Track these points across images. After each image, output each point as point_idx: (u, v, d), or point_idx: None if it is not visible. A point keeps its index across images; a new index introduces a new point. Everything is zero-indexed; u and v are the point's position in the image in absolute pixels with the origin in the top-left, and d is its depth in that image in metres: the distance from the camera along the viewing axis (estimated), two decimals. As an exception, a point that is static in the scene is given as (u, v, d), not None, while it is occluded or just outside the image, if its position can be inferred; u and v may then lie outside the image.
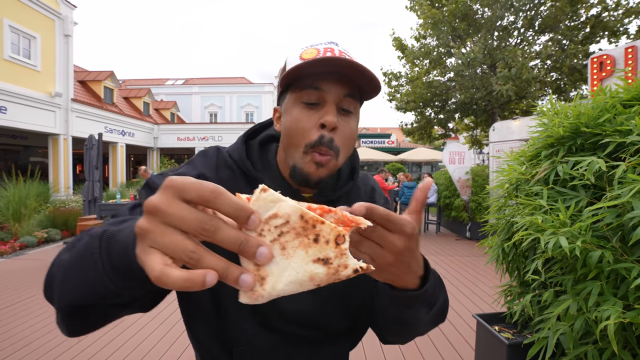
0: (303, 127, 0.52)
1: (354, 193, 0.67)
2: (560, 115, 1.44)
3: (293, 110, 0.53)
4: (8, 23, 8.61)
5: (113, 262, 0.32)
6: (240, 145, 0.61)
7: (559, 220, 1.11)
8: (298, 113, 0.52)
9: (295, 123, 0.52)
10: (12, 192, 6.26)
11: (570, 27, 7.95)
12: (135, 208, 0.50)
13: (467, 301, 3.35)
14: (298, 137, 0.52)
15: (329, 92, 0.51)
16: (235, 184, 0.57)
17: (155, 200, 0.25)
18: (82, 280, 0.34)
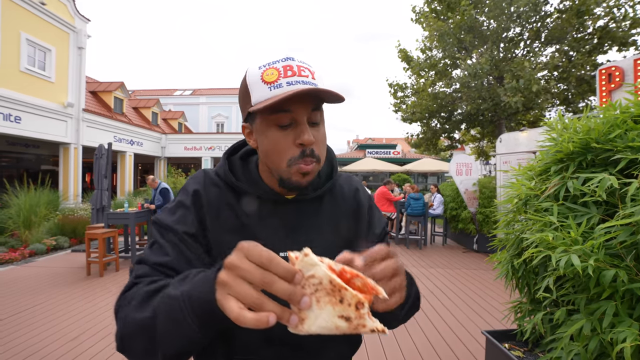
0: (282, 148, 0.56)
1: (337, 191, 0.72)
2: (570, 130, 1.44)
3: (268, 133, 0.57)
4: (25, 36, 8.92)
5: (199, 316, 0.41)
6: (223, 162, 0.67)
7: (570, 238, 1.09)
8: (274, 135, 0.56)
9: (274, 145, 0.57)
10: (24, 200, 6.37)
11: (577, 38, 7.95)
12: (153, 245, 0.58)
13: (476, 317, 3.28)
14: (280, 156, 0.57)
15: (298, 112, 0.55)
16: (223, 196, 0.63)
17: (231, 259, 0.36)
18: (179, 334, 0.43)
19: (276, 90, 0.53)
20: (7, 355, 2.50)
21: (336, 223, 0.68)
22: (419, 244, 6.98)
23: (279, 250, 0.60)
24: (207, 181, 0.64)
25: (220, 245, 0.60)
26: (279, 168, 0.58)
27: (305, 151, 0.56)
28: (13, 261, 5.34)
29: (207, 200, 0.61)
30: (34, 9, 9.18)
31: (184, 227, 0.58)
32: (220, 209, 0.62)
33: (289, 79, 0.54)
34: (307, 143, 0.55)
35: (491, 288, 4.16)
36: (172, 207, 0.62)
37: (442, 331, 2.96)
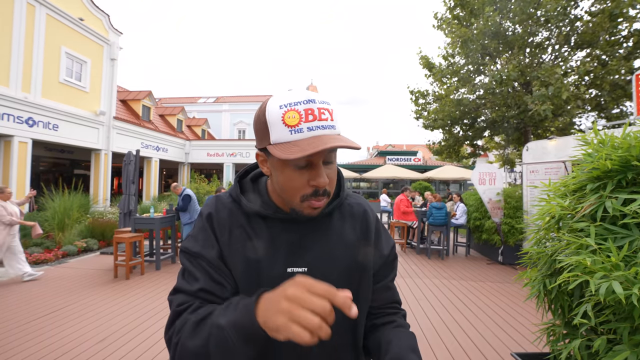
0: (296, 186, 0.60)
1: (346, 210, 0.76)
2: (607, 145, 1.36)
3: (285, 170, 0.60)
4: (65, 50, 9.55)
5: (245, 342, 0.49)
6: (235, 185, 0.72)
7: (610, 262, 1.03)
8: (289, 173, 0.60)
9: (290, 182, 0.60)
10: (58, 203, 6.75)
11: (610, 42, 7.57)
12: (184, 273, 0.64)
13: (504, 335, 3.13)
14: (294, 193, 0.61)
15: (315, 157, 0.59)
16: (233, 217, 0.67)
17: (293, 292, 0.44)
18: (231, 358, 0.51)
19: (297, 134, 0.56)
20: (42, 354, 2.63)
21: (344, 241, 0.70)
22: (441, 255, 6.79)
23: (287, 267, 0.64)
24: (219, 205, 0.69)
25: (233, 263, 0.64)
26: (292, 201, 0.63)
27: (318, 191, 0.60)
28: (47, 262, 5.65)
29: (218, 221, 0.66)
30: (73, 24, 9.82)
31: (210, 252, 0.63)
32: (232, 228, 0.66)
33: (310, 123, 0.56)
34: (321, 186, 0.59)
35: (519, 304, 3.97)
36: (194, 234, 0.67)
37: (467, 348, 2.85)
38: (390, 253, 0.78)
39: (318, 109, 0.57)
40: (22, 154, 8.22)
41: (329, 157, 0.61)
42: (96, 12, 10.82)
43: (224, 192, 0.72)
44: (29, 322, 3.23)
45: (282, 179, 0.61)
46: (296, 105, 0.57)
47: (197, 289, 0.61)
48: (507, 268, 5.93)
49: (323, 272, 0.65)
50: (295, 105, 0.57)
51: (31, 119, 8.45)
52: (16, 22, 8.05)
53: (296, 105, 0.57)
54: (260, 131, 0.61)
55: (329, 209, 0.71)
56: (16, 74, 8.04)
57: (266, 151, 0.62)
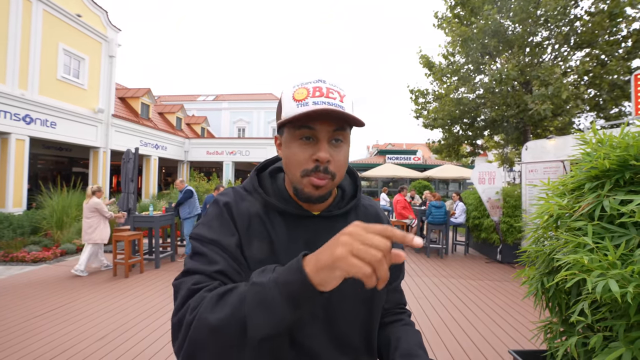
0: (299, 160, 0.61)
1: (361, 211, 0.76)
2: (606, 145, 1.37)
3: (291, 145, 0.62)
4: (62, 47, 9.50)
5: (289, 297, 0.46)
6: (253, 177, 0.72)
7: (607, 261, 1.04)
8: (295, 147, 0.61)
9: (294, 155, 0.61)
10: (57, 201, 6.74)
11: (609, 42, 7.58)
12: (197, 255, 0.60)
13: (502, 332, 3.15)
14: (296, 166, 0.61)
15: (320, 130, 0.60)
16: (252, 208, 0.66)
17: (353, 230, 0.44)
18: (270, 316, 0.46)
19: (302, 107, 0.58)
20: (42, 351, 2.64)
21: None
22: (440, 253, 6.81)
23: None
24: (237, 196, 0.68)
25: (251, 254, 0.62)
26: (294, 178, 0.63)
27: (319, 166, 0.60)
28: (46, 260, 5.64)
29: (238, 210, 0.65)
30: (71, 20, 9.77)
31: (229, 240, 0.61)
32: (251, 220, 0.65)
33: (316, 99, 0.58)
34: (322, 159, 0.59)
35: (517, 302, 4.00)
36: (207, 222, 0.64)
37: (465, 346, 2.87)
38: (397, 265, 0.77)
39: (327, 88, 0.60)
40: (20, 152, 8.19)
41: (336, 135, 0.61)
42: (94, 8, 10.77)
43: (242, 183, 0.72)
44: (29, 320, 3.23)
45: (288, 153, 0.62)
46: (307, 84, 0.60)
47: (216, 270, 0.57)
48: (505, 266, 5.96)
49: None
50: (305, 84, 0.60)
51: (28, 116, 8.42)
52: (12, 18, 7.99)
53: (306, 84, 0.60)
54: (277, 113, 0.65)
55: (346, 209, 0.71)
56: (13, 71, 8.00)
57: (281, 131, 0.65)
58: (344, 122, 0.61)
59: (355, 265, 0.41)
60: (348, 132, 0.64)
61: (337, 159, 0.62)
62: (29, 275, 4.87)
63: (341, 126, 0.61)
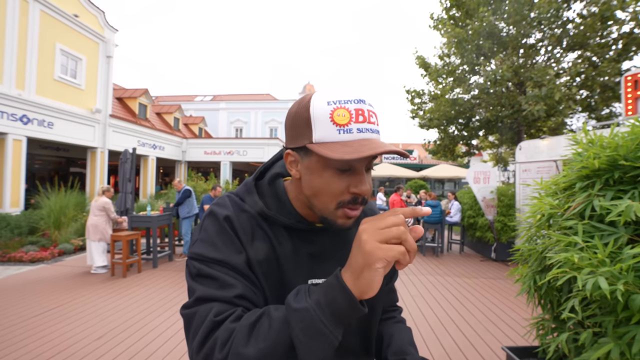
0: (335, 191, 0.54)
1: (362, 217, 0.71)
2: (596, 145, 1.42)
3: (324, 174, 0.54)
4: (60, 47, 9.45)
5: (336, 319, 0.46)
6: (251, 188, 0.65)
7: (596, 259, 1.08)
8: (330, 177, 0.54)
9: (328, 186, 0.54)
10: (54, 201, 6.71)
11: (600, 44, 7.69)
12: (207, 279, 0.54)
13: (495, 329, 3.21)
14: (331, 199, 0.55)
15: (361, 163, 0.55)
16: (254, 221, 0.60)
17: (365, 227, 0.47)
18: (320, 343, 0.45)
19: (345, 135, 0.51)
20: (41, 350, 2.64)
21: None
22: (435, 252, 6.87)
23: (308, 278, 0.61)
24: (235, 207, 0.61)
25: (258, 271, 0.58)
26: (326, 208, 0.56)
27: (357, 198, 0.55)
28: (44, 260, 5.63)
29: (240, 224, 0.59)
30: (68, 20, 9.72)
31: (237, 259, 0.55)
32: (254, 234, 0.59)
33: (360, 125, 0.52)
34: (363, 193, 0.55)
35: (511, 299, 4.06)
36: (208, 239, 0.57)
37: (460, 342, 2.91)
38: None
39: (368, 111, 0.54)
40: (17, 152, 8.14)
41: (370, 164, 0.57)
42: (91, 8, 10.72)
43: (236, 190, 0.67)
44: (27, 320, 3.23)
45: (318, 182, 0.55)
46: (347, 103, 0.53)
47: (236, 294, 0.52)
48: (499, 265, 6.03)
49: None
50: (345, 104, 0.53)
51: (25, 117, 8.37)
52: (9, 18, 7.94)
53: (347, 104, 0.53)
54: (299, 127, 0.55)
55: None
56: (10, 71, 7.95)
57: (302, 150, 0.56)
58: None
59: (388, 249, 0.43)
60: None
61: (370, 186, 0.57)
62: (26, 275, 4.85)
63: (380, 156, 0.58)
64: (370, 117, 0.53)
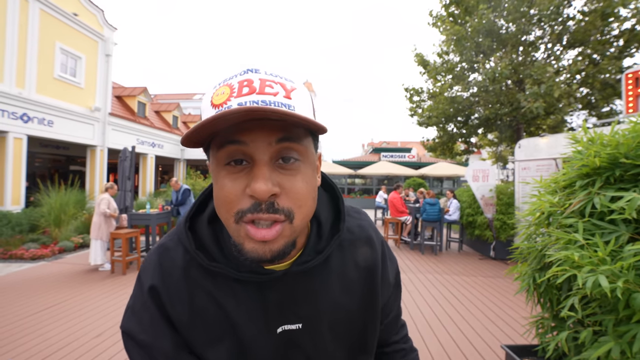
0: (229, 197, 0.40)
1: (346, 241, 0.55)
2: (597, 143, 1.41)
3: (218, 175, 0.42)
4: (59, 46, 9.41)
5: None
6: (182, 236, 0.48)
7: (597, 257, 1.08)
8: (222, 180, 0.41)
9: (221, 192, 0.41)
10: (54, 199, 6.71)
11: (601, 41, 7.67)
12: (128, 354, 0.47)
13: (494, 327, 3.21)
14: (226, 208, 0.40)
15: (254, 146, 0.39)
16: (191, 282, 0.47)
17: None
18: None
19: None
20: (40, 348, 2.64)
21: (347, 282, 0.53)
22: (434, 250, 6.88)
23: (277, 326, 0.48)
24: (166, 267, 0.47)
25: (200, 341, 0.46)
26: (228, 227, 0.42)
27: (259, 205, 0.39)
28: (44, 257, 5.63)
29: (169, 293, 0.46)
30: (67, 19, 9.67)
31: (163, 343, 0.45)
32: (192, 296, 0.46)
33: (242, 98, 0.38)
34: (260, 195, 0.38)
35: (510, 298, 4.06)
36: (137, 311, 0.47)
37: (459, 341, 2.92)
38: (396, 276, 0.63)
39: (260, 80, 0.40)
40: (18, 150, 8.12)
41: (284, 151, 0.41)
42: (90, 7, 10.66)
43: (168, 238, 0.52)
44: (27, 317, 3.23)
45: (215, 188, 0.42)
46: (231, 79, 0.41)
47: None
48: (498, 263, 6.04)
49: (326, 325, 0.51)
50: (229, 80, 0.41)
51: (26, 115, 8.34)
52: (9, 17, 7.90)
53: (230, 80, 0.41)
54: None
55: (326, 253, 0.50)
56: (10, 70, 7.92)
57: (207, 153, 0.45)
58: (292, 128, 0.40)
59: None
60: (306, 144, 0.43)
61: (290, 189, 0.41)
62: (27, 272, 4.85)
63: (289, 134, 0.40)
64: (264, 87, 0.39)
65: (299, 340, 0.50)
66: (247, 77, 0.40)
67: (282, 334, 0.49)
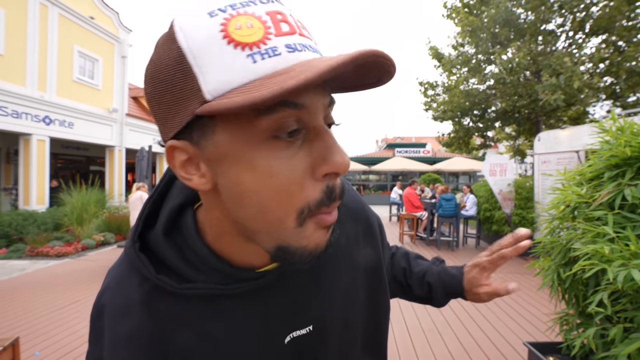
0: (289, 189, 0.28)
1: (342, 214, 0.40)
2: (626, 132, 1.35)
3: (255, 156, 0.28)
4: (77, 49, 9.72)
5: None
6: (135, 261, 0.36)
7: (629, 251, 1.03)
8: (268, 160, 0.28)
9: (272, 179, 0.28)
10: (76, 199, 6.96)
11: (627, 27, 7.31)
12: None
13: (515, 325, 3.14)
14: (283, 205, 0.29)
15: (315, 109, 0.29)
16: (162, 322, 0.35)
17: None
18: None
19: (267, 60, 0.26)
20: (68, 340, 2.76)
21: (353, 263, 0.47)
22: (451, 246, 6.77)
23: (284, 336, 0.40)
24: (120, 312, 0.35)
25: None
26: (279, 232, 0.30)
27: (333, 191, 0.30)
28: (68, 255, 5.86)
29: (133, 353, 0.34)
30: (84, 23, 9.97)
31: None
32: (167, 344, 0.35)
33: (288, 38, 0.28)
34: (343, 168, 0.29)
35: (530, 295, 3.96)
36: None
37: (478, 339, 2.86)
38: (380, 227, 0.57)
39: (292, 16, 0.30)
40: (41, 152, 8.46)
41: (329, 120, 0.32)
42: (106, 10, 10.95)
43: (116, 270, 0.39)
44: (54, 312, 3.38)
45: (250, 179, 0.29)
46: (246, 5, 0.28)
47: None
48: (517, 259, 5.88)
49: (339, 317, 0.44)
50: (245, 6, 0.28)
51: (48, 118, 8.67)
52: (30, 23, 8.20)
53: (247, 6, 0.28)
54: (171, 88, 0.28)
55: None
56: (32, 74, 8.23)
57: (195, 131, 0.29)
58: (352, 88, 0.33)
59: None
60: None
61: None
62: (53, 269, 5.06)
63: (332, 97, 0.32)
64: (299, 26, 0.29)
65: (311, 345, 0.42)
66: (277, 9, 0.29)
67: (292, 343, 0.40)
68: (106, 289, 0.38)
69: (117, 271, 0.38)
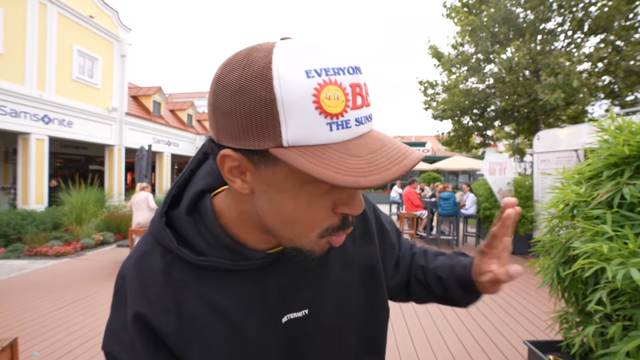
0: (318, 217, 0.37)
1: None
2: (625, 131, 1.35)
3: (299, 194, 0.35)
4: (77, 48, 9.70)
5: None
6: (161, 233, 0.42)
7: (627, 249, 1.03)
8: (310, 198, 0.35)
9: (307, 211, 0.36)
10: (75, 198, 6.95)
11: (625, 26, 7.31)
12: None
13: (516, 324, 3.14)
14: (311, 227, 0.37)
15: None
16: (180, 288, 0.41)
17: None
18: None
19: (340, 131, 0.31)
20: (68, 340, 2.76)
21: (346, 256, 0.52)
22: (450, 245, 6.78)
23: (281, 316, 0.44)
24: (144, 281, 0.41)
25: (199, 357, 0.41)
26: (301, 239, 0.38)
27: (347, 220, 0.39)
28: (67, 254, 5.85)
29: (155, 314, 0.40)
30: (84, 22, 9.95)
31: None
32: (180, 305, 0.41)
33: (358, 112, 0.33)
34: (359, 211, 0.38)
35: (530, 293, 3.97)
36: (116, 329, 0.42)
37: (479, 338, 2.87)
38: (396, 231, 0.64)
39: (365, 87, 0.34)
40: (40, 151, 8.45)
41: None
42: (105, 9, 10.92)
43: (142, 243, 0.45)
44: (52, 312, 3.37)
45: (291, 206, 0.36)
46: (338, 74, 0.31)
47: None
48: (517, 258, 5.89)
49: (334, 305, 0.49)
50: (336, 75, 0.31)
51: (47, 117, 8.65)
52: (29, 22, 8.18)
53: (338, 75, 0.31)
54: (253, 117, 0.31)
55: None
56: (31, 73, 8.21)
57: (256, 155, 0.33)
58: None
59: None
60: None
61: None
62: (52, 269, 5.06)
63: None
64: (367, 96, 0.34)
65: (307, 328, 0.46)
66: (357, 81, 0.33)
67: (288, 324, 0.45)
68: (130, 258, 0.44)
69: (143, 245, 0.44)
